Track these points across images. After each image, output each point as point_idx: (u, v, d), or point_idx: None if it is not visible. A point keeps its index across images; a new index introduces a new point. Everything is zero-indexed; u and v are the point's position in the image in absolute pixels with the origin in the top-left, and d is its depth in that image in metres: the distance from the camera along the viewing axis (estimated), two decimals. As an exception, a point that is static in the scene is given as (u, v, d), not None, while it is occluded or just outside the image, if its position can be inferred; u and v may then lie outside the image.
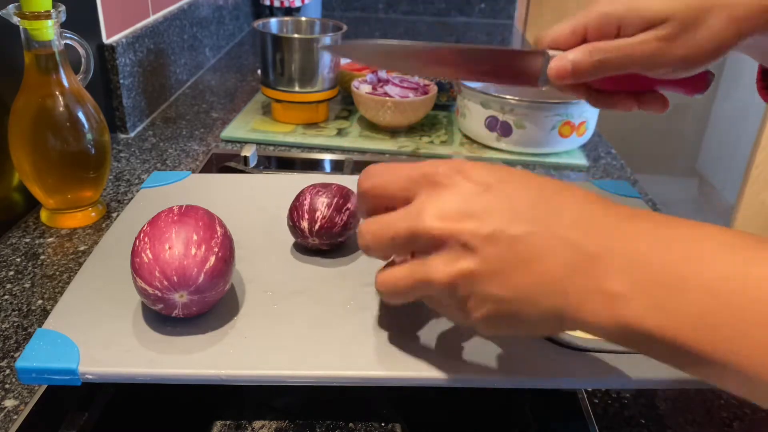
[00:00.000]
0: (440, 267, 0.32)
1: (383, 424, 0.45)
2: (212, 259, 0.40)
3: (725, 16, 0.44)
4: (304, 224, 0.48)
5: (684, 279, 0.28)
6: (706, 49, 0.44)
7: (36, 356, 0.38)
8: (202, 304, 0.40)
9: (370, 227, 0.35)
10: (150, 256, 0.39)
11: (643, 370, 0.38)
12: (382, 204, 0.36)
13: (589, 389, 0.49)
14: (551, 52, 0.48)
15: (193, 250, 0.39)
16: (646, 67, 0.46)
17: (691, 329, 0.27)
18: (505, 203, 0.32)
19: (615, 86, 0.51)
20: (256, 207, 0.57)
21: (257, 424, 0.45)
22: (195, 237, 0.40)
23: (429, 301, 0.36)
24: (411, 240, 0.33)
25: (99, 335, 0.40)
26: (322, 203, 0.48)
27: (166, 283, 0.38)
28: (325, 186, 0.50)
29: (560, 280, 0.30)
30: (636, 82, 0.50)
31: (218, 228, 0.42)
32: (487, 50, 0.50)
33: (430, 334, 0.41)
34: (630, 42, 0.45)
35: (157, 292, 0.39)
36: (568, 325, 0.31)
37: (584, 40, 0.47)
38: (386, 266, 0.36)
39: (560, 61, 0.47)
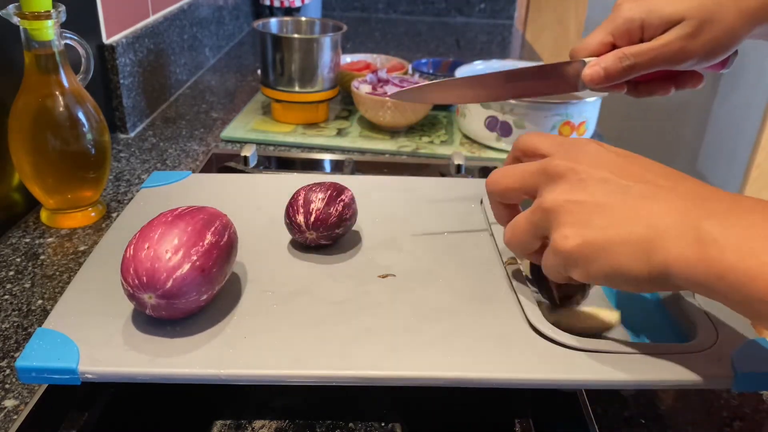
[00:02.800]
0: (557, 192, 0.37)
1: (383, 424, 0.45)
2: (186, 266, 0.39)
3: (736, 10, 0.49)
4: (300, 218, 0.48)
5: (766, 233, 0.31)
6: (723, 41, 0.50)
7: (36, 355, 0.38)
8: (171, 310, 0.39)
9: (504, 167, 0.43)
10: (131, 252, 0.39)
11: (643, 370, 0.38)
12: (525, 160, 0.43)
13: (589, 389, 0.49)
14: (586, 60, 0.53)
15: (168, 255, 0.39)
16: (671, 64, 0.51)
17: (764, 267, 0.30)
18: (629, 163, 0.38)
19: (650, 76, 0.55)
20: (255, 206, 0.57)
21: (257, 424, 0.45)
22: (176, 241, 0.39)
23: (529, 226, 0.40)
24: (539, 172, 0.39)
25: (99, 335, 0.40)
26: (316, 197, 0.49)
27: (137, 281, 0.38)
28: (318, 183, 0.51)
29: (656, 216, 0.34)
30: (667, 73, 0.55)
31: (210, 236, 0.41)
32: (530, 69, 0.56)
33: (429, 333, 0.41)
34: (655, 45, 0.51)
35: (129, 288, 0.39)
36: (652, 265, 0.33)
37: (614, 45, 0.53)
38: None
39: (593, 67, 0.52)
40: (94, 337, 0.40)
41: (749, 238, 0.31)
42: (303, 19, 1.02)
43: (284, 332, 0.41)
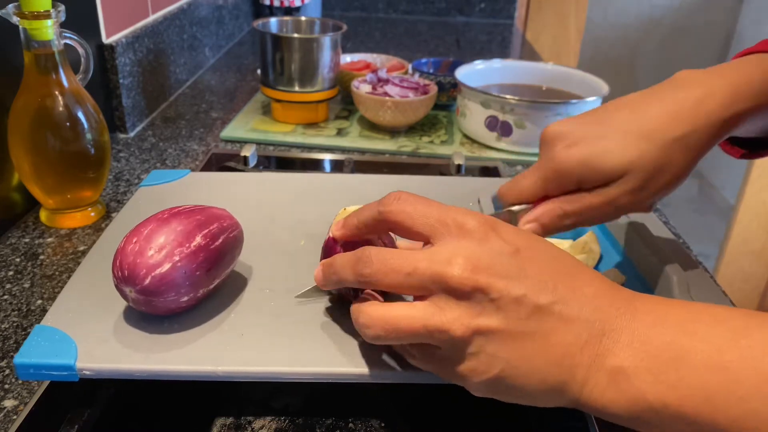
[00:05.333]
0: (463, 318, 0.31)
1: (383, 424, 0.45)
2: (167, 266, 0.39)
3: (683, 150, 0.43)
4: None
5: (683, 353, 0.30)
6: (672, 185, 0.45)
7: (34, 352, 0.38)
8: (150, 306, 0.40)
9: (384, 255, 0.34)
10: (122, 244, 0.40)
11: None
12: (389, 228, 0.37)
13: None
14: (516, 208, 0.49)
15: (151, 252, 0.39)
16: (615, 218, 0.47)
17: (692, 400, 0.29)
18: (535, 270, 0.33)
19: None
20: (254, 205, 0.57)
21: (257, 423, 0.45)
22: (162, 239, 0.39)
23: (422, 352, 0.35)
24: (432, 282, 0.32)
25: (97, 331, 0.40)
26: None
27: (119, 274, 0.39)
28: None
29: (571, 356, 0.32)
30: None
31: (200, 239, 0.41)
32: None
33: None
34: (597, 201, 0.45)
35: (114, 279, 0.39)
36: (569, 402, 0.33)
37: (546, 194, 0.47)
38: (369, 302, 0.35)
39: (531, 224, 0.47)
40: (91, 333, 0.40)
41: (663, 367, 0.30)
42: (303, 18, 1.02)
43: (281, 330, 0.41)
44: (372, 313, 0.34)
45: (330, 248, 0.42)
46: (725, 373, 0.29)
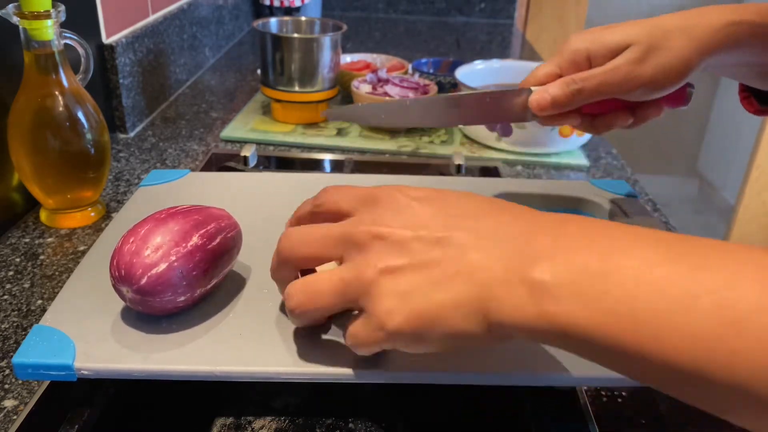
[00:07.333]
0: (370, 262, 0.33)
1: (383, 424, 0.45)
2: (163, 266, 0.39)
3: (685, 38, 0.48)
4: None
5: (611, 267, 0.28)
6: (672, 69, 0.48)
7: (32, 352, 0.38)
8: (146, 306, 0.40)
9: (300, 228, 0.37)
10: (119, 244, 0.40)
11: None
12: (323, 218, 0.39)
13: (589, 388, 0.49)
14: (533, 88, 0.52)
15: (147, 252, 0.39)
16: (620, 91, 0.50)
17: (611, 317, 0.27)
18: (439, 210, 0.34)
19: (604, 109, 0.54)
20: (254, 205, 0.57)
21: (257, 423, 0.45)
22: (159, 239, 0.39)
23: (347, 323, 0.36)
24: (342, 240, 0.35)
25: (95, 331, 0.40)
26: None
27: (116, 273, 0.39)
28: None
29: (483, 270, 0.31)
30: (623, 103, 0.53)
31: (197, 239, 0.41)
32: (474, 96, 0.54)
33: None
34: (601, 69, 0.49)
35: (111, 279, 0.40)
36: (491, 324, 0.31)
37: (561, 77, 0.52)
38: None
39: (540, 93, 0.51)
40: (90, 333, 0.40)
41: (584, 283, 0.28)
42: (303, 18, 1.02)
43: (280, 330, 0.41)
44: (294, 284, 0.36)
45: None
46: (653, 287, 0.27)
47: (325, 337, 0.41)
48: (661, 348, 0.26)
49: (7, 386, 0.47)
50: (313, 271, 0.37)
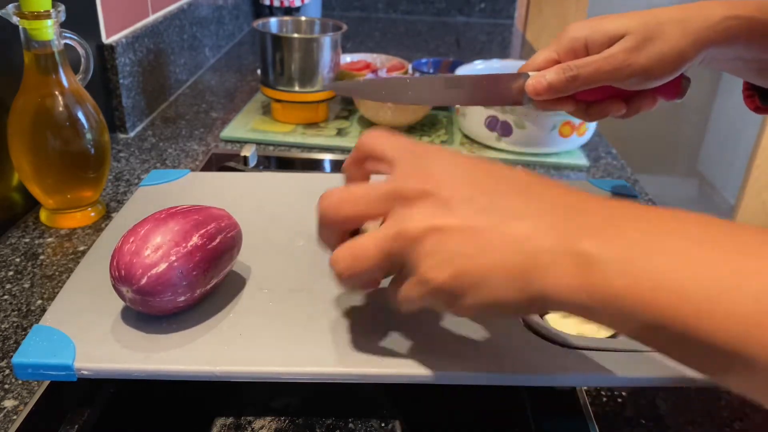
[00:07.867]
0: (416, 218, 0.32)
1: (383, 424, 0.45)
2: (163, 266, 0.39)
3: (681, 29, 0.49)
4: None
5: (659, 245, 0.28)
6: (666, 59, 0.49)
7: (32, 352, 0.38)
8: (146, 306, 0.40)
9: (341, 188, 0.36)
10: (119, 244, 0.40)
11: (641, 369, 0.38)
12: (366, 166, 0.38)
13: (589, 388, 0.49)
14: (531, 74, 0.53)
15: (147, 252, 0.39)
16: (614, 78, 0.51)
17: (657, 292, 0.27)
18: (488, 175, 0.34)
19: (599, 97, 0.54)
20: (254, 205, 0.57)
21: (257, 423, 0.45)
22: (159, 239, 0.39)
23: (390, 282, 0.35)
24: (388, 196, 0.34)
25: (95, 331, 0.40)
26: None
27: (116, 273, 0.39)
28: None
29: (530, 239, 0.31)
30: (617, 92, 0.54)
31: (197, 239, 0.41)
32: (471, 78, 0.55)
33: (426, 331, 0.41)
34: (597, 57, 0.51)
35: (111, 279, 0.39)
36: (532, 293, 0.31)
37: (558, 63, 0.53)
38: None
39: (537, 78, 0.52)
40: (90, 333, 0.40)
41: (633, 258, 0.28)
42: (303, 18, 1.02)
43: (280, 330, 0.41)
44: (340, 248, 0.35)
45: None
46: (700, 266, 0.27)
47: (325, 337, 0.41)
48: (705, 327, 0.26)
49: (7, 386, 0.47)
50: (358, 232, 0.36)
